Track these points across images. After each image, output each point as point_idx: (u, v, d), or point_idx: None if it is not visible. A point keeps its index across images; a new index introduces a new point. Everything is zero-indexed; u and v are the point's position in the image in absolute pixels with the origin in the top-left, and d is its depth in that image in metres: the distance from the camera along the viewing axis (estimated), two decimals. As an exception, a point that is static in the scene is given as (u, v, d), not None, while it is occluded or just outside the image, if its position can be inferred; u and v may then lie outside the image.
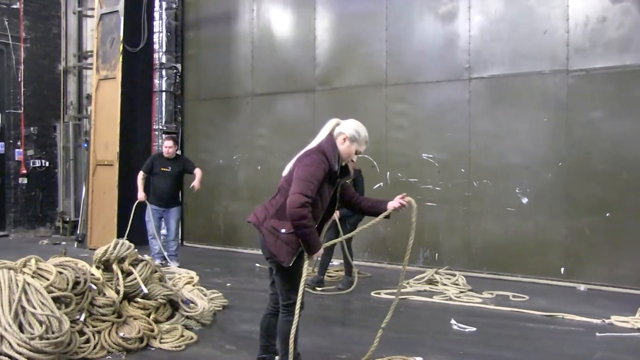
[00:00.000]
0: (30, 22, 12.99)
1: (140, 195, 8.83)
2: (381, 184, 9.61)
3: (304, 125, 10.16)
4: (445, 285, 7.87)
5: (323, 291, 7.67)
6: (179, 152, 10.35)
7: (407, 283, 8.02)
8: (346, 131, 4.30)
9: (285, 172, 4.34)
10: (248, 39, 11.24)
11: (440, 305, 7.11)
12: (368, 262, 9.59)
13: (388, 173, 9.58)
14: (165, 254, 9.00)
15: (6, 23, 12.55)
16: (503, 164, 8.69)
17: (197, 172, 8.98)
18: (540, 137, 8.42)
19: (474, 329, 6.03)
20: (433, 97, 9.30)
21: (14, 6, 12.69)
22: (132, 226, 9.42)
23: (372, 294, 7.54)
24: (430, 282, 8.03)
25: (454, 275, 8.17)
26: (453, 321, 6.23)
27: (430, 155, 9.23)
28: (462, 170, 8.97)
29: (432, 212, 9.18)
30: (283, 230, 4.17)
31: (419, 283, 8.00)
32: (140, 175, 8.92)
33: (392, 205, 4.44)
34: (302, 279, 4.25)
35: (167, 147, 8.84)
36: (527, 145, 8.51)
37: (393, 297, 7.33)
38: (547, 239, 8.36)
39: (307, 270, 4.26)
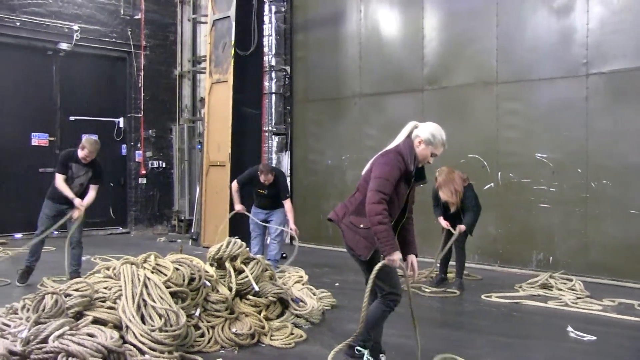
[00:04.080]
0: (149, 30, 13.67)
1: (238, 207, 8.58)
2: (492, 184, 9.36)
3: (412, 125, 10.04)
4: (560, 290, 7.52)
5: (433, 293, 7.57)
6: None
7: (520, 287, 7.77)
8: (422, 134, 4.38)
9: (364, 171, 4.53)
10: (356, 39, 11.28)
11: (556, 311, 6.81)
12: (478, 265, 9.36)
13: (499, 173, 9.31)
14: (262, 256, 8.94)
15: (129, 33, 13.29)
16: (625, 164, 8.21)
17: (288, 209, 8.42)
18: (668, 135, 7.90)
19: (594, 337, 5.71)
20: (547, 94, 8.94)
21: (136, 17, 13.41)
22: (244, 225, 9.67)
23: (483, 297, 7.35)
24: (545, 286, 7.71)
25: (570, 280, 7.79)
26: (570, 328, 5.94)
27: (544, 155, 8.88)
28: (579, 170, 8.56)
29: (546, 213, 8.84)
30: (362, 226, 4.35)
31: (532, 287, 7.71)
32: (235, 187, 8.60)
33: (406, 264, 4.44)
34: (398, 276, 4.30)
35: (264, 180, 8.38)
36: (652, 144, 8.00)
37: (504, 300, 7.17)
38: (675, 243, 7.82)
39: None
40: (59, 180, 7.50)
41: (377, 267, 4.18)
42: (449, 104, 9.86)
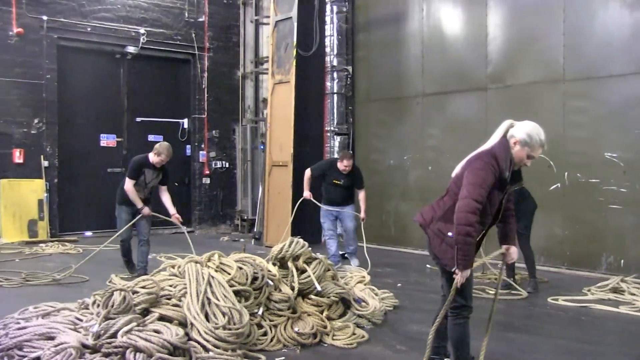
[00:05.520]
0: (213, 32, 13.91)
1: (306, 193, 8.90)
2: (558, 184, 9.10)
3: (475, 125, 9.91)
4: (633, 294, 7.18)
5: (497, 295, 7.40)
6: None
7: (589, 290, 7.52)
8: (517, 135, 4.11)
9: (454, 173, 4.26)
10: (418, 38, 11.17)
11: (628, 316, 6.53)
12: (544, 267, 9.10)
13: (566, 174, 9.04)
14: (345, 253, 9.18)
15: (193, 35, 13.56)
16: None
17: (362, 198, 8.84)
18: None
19: (671, 345, 5.48)
20: (618, 91, 8.64)
21: (200, 19, 13.67)
22: (305, 225, 9.73)
23: (549, 300, 7.15)
24: (616, 290, 7.39)
25: (644, 284, 7.48)
26: (644, 334, 5.72)
27: (614, 155, 8.58)
28: (653, 170, 8.24)
29: (617, 215, 8.53)
30: (450, 234, 4.10)
31: (602, 291, 7.42)
32: (308, 174, 8.95)
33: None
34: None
35: (345, 166, 8.67)
36: None
37: (572, 304, 6.95)
38: None
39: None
40: (129, 185, 7.81)
41: (453, 287, 4.04)
42: (514, 102, 9.65)
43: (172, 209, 8.09)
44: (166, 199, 8.12)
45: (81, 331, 4.71)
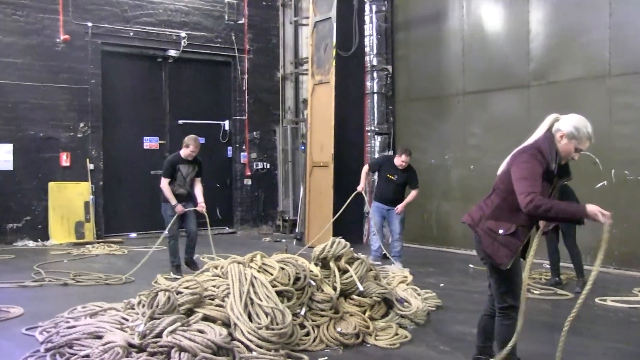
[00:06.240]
0: (253, 34, 14.01)
1: (361, 186, 8.99)
2: (605, 182, 8.90)
3: (518, 123, 9.75)
4: (688, 295, 7.02)
5: (543, 295, 7.29)
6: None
7: (639, 291, 7.32)
8: (563, 128, 4.05)
9: (500, 170, 4.21)
10: (458, 36, 11.06)
11: (682, 318, 6.36)
12: (591, 266, 8.88)
13: (613, 171, 8.83)
14: (389, 253, 9.16)
15: (233, 38, 13.68)
16: None
17: (411, 196, 8.97)
18: None
19: None
20: (667, 86, 8.42)
21: (240, 22, 13.78)
22: (346, 225, 9.72)
23: (597, 300, 6.98)
24: (668, 291, 7.22)
25: (699, 285, 7.25)
26: (700, 337, 5.53)
27: (663, 151, 8.36)
28: None
29: (667, 213, 8.31)
30: (501, 231, 4.06)
31: (653, 292, 7.25)
32: (365, 169, 9.19)
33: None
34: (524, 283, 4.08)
35: (403, 161, 8.77)
36: None
37: (622, 305, 6.77)
38: None
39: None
40: (164, 183, 8.15)
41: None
42: (557, 99, 9.45)
43: (200, 198, 8.33)
44: (198, 190, 8.40)
45: (127, 331, 4.80)
